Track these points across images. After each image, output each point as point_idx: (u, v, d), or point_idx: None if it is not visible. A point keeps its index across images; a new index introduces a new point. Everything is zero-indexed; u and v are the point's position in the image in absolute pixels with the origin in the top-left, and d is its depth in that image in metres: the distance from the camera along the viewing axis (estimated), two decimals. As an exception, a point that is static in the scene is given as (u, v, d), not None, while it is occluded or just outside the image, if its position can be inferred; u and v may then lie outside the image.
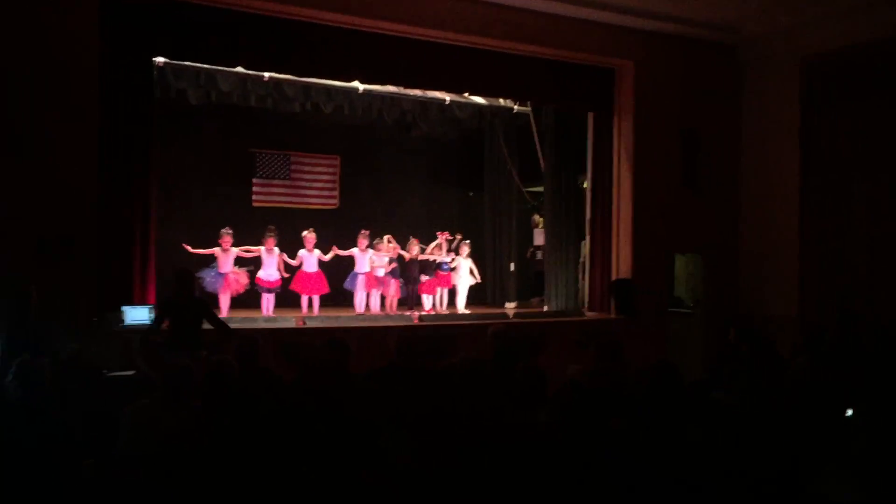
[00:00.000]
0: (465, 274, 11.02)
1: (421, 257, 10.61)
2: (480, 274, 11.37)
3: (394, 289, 10.46)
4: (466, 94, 11.25)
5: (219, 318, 7.12)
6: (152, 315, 7.88)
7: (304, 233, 10.10)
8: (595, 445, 3.56)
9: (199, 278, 9.12)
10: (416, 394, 4.38)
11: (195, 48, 8.65)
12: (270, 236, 9.83)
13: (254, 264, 9.76)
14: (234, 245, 9.56)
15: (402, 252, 10.56)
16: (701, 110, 10.94)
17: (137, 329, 7.73)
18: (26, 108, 7.35)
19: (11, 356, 5.43)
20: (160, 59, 9.02)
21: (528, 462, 3.46)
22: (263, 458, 3.65)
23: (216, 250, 9.43)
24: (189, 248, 9.33)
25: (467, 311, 10.88)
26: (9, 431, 3.93)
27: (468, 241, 11.21)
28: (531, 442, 3.60)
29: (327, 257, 10.19)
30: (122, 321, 7.75)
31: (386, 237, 10.48)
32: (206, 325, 7.12)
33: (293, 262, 9.98)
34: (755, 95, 11.11)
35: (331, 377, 5.08)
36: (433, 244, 10.82)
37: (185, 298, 6.94)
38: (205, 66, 9.52)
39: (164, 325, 6.92)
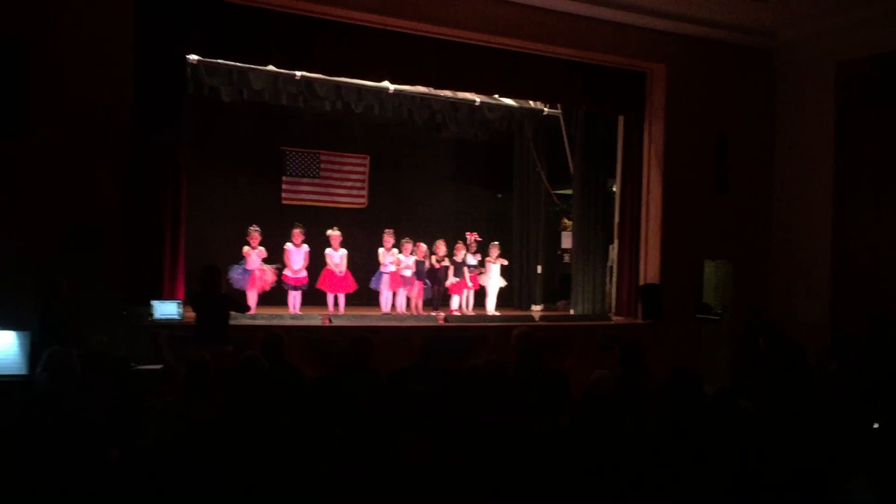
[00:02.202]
0: (494, 276, 10.99)
1: (447, 262, 10.57)
2: (507, 276, 11.31)
3: (418, 289, 10.45)
4: (496, 96, 11.24)
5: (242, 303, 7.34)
6: (180, 310, 7.99)
7: (330, 231, 10.14)
8: (613, 449, 3.54)
9: (228, 275, 9.22)
10: (437, 394, 4.38)
11: (228, 46, 8.73)
12: (297, 231, 9.86)
13: (281, 262, 9.81)
14: (262, 243, 9.62)
15: (427, 257, 10.51)
16: (733, 115, 10.83)
17: (166, 323, 7.84)
18: (60, 101, 7.46)
19: (42, 347, 5.53)
20: (194, 57, 9.12)
21: (545, 465, 3.44)
22: (283, 454, 3.67)
23: (245, 250, 9.49)
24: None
25: (496, 313, 10.86)
26: (37, 420, 3.99)
27: (497, 244, 11.18)
28: (550, 445, 3.58)
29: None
30: (151, 315, 7.85)
31: (408, 241, 10.39)
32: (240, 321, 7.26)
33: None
34: (789, 100, 10.97)
35: (354, 375, 5.10)
36: (458, 249, 10.76)
37: (212, 294, 7.01)
38: (237, 64, 9.60)
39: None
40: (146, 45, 8.04)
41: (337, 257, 10.03)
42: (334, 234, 10.10)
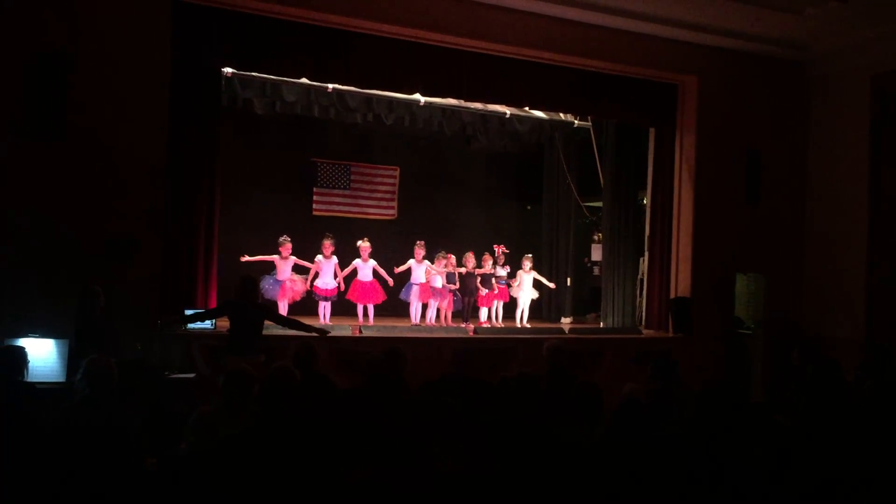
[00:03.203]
0: (527, 288, 10.95)
1: (478, 272, 10.56)
2: (537, 288, 11.22)
3: (448, 300, 10.45)
4: (527, 108, 11.24)
5: (287, 318, 7.33)
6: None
7: (359, 242, 10.18)
8: (650, 462, 3.51)
9: (259, 285, 9.28)
10: (471, 405, 4.39)
11: (262, 59, 8.84)
12: (328, 242, 9.92)
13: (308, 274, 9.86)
14: (293, 253, 9.69)
15: (460, 269, 10.49)
16: (766, 127, 10.76)
17: (198, 332, 7.92)
18: (99, 115, 7.60)
19: (79, 354, 5.62)
20: (228, 70, 9.26)
21: (581, 476, 3.43)
22: (318, 464, 3.69)
23: (275, 258, 9.57)
24: (246, 258, 9.45)
25: (528, 326, 10.83)
26: (77, 427, 4.05)
27: (531, 256, 11.15)
28: (586, 457, 3.57)
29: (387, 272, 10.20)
30: (184, 324, 7.93)
31: (442, 256, 10.41)
32: (272, 332, 7.30)
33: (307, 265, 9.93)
34: (823, 113, 10.86)
35: (387, 386, 5.12)
36: (486, 260, 10.72)
37: (248, 304, 7.07)
38: (271, 76, 9.72)
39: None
40: (182, 57, 8.18)
41: (366, 268, 10.07)
42: (364, 245, 10.14)
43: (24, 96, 7.31)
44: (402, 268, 10.29)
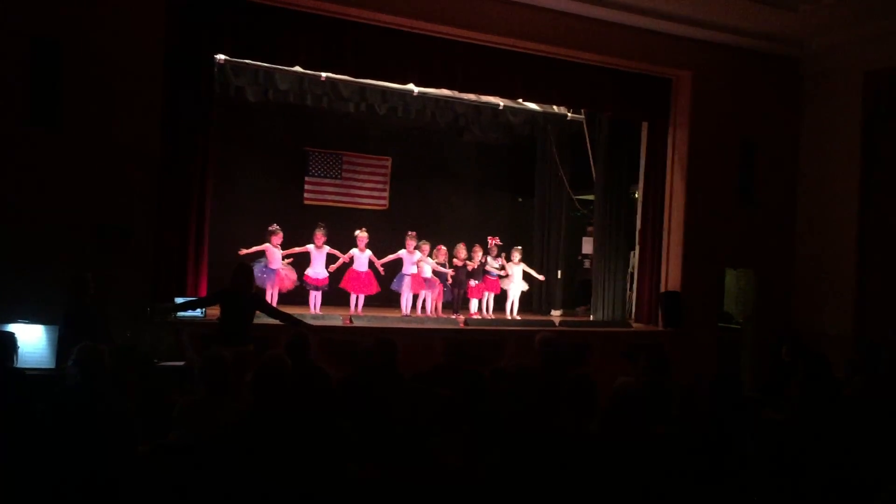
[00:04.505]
0: (516, 280, 10.94)
1: (469, 265, 10.54)
2: (527, 280, 11.22)
3: (438, 291, 10.43)
4: (520, 100, 11.22)
5: (279, 311, 7.28)
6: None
7: (357, 232, 10.13)
8: (646, 455, 3.53)
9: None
10: (467, 397, 4.39)
11: (256, 47, 8.77)
12: (320, 232, 9.88)
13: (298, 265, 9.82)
14: (283, 242, 9.64)
15: (451, 261, 10.48)
16: (759, 122, 10.78)
17: (188, 321, 7.89)
18: (92, 100, 7.54)
19: (69, 342, 5.58)
20: (221, 57, 9.19)
21: (581, 469, 3.44)
22: (312, 455, 3.68)
23: (266, 246, 9.52)
24: (243, 251, 9.36)
25: (518, 318, 10.83)
26: (68, 414, 4.02)
27: (520, 248, 11.14)
28: (583, 448, 3.58)
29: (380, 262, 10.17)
30: (175, 312, 7.88)
31: (424, 242, 10.39)
32: (263, 321, 7.26)
33: (343, 257, 9.96)
34: (816, 109, 10.89)
35: (381, 377, 5.11)
36: (476, 252, 10.70)
37: (241, 293, 7.02)
38: (264, 64, 9.66)
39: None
40: (176, 45, 8.11)
41: (363, 258, 10.04)
42: (361, 234, 10.09)
43: (18, 82, 7.24)
44: (392, 257, 10.27)
